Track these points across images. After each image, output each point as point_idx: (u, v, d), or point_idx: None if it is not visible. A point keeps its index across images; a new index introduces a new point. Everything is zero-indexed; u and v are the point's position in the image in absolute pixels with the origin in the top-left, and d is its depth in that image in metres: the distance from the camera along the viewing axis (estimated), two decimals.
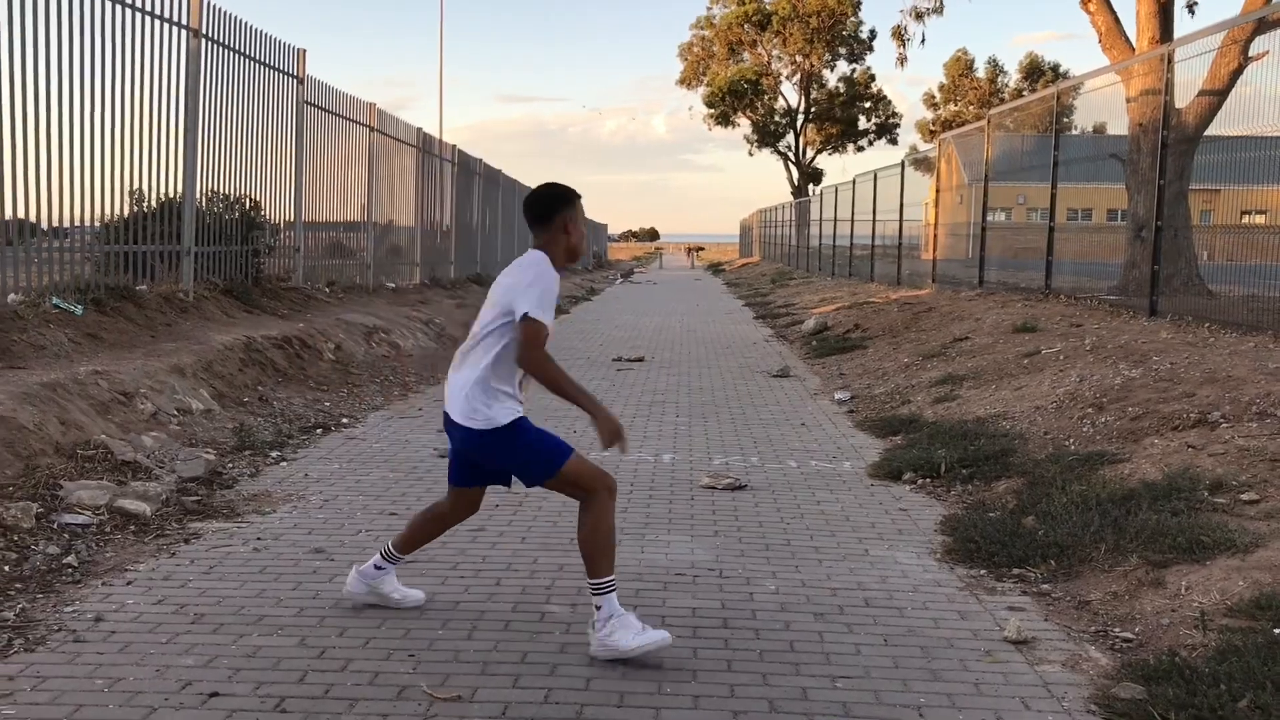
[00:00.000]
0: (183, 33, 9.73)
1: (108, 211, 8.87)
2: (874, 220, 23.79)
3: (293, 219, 12.81)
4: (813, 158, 57.87)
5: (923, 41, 70.47)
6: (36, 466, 5.25)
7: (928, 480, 6.18)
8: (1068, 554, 4.57)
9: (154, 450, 6.00)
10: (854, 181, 26.71)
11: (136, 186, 9.24)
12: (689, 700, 3.26)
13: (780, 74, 55.95)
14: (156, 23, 9.23)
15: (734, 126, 56.61)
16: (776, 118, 56.71)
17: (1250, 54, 10.49)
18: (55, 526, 4.74)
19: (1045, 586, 4.36)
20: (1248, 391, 6.13)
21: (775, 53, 55.30)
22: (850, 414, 8.75)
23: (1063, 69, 58.02)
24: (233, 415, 7.35)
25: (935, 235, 19.71)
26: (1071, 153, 13.64)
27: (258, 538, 4.87)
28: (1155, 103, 10.94)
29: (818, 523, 5.38)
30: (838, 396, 9.51)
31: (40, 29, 7.67)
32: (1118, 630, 3.86)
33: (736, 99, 54.69)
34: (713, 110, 55.58)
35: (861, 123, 57.30)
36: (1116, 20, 13.88)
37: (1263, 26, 9.93)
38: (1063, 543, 4.65)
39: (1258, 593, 3.82)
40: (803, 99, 56.31)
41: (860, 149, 58.07)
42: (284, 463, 6.46)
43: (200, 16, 9.92)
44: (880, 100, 57.51)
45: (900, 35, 23.30)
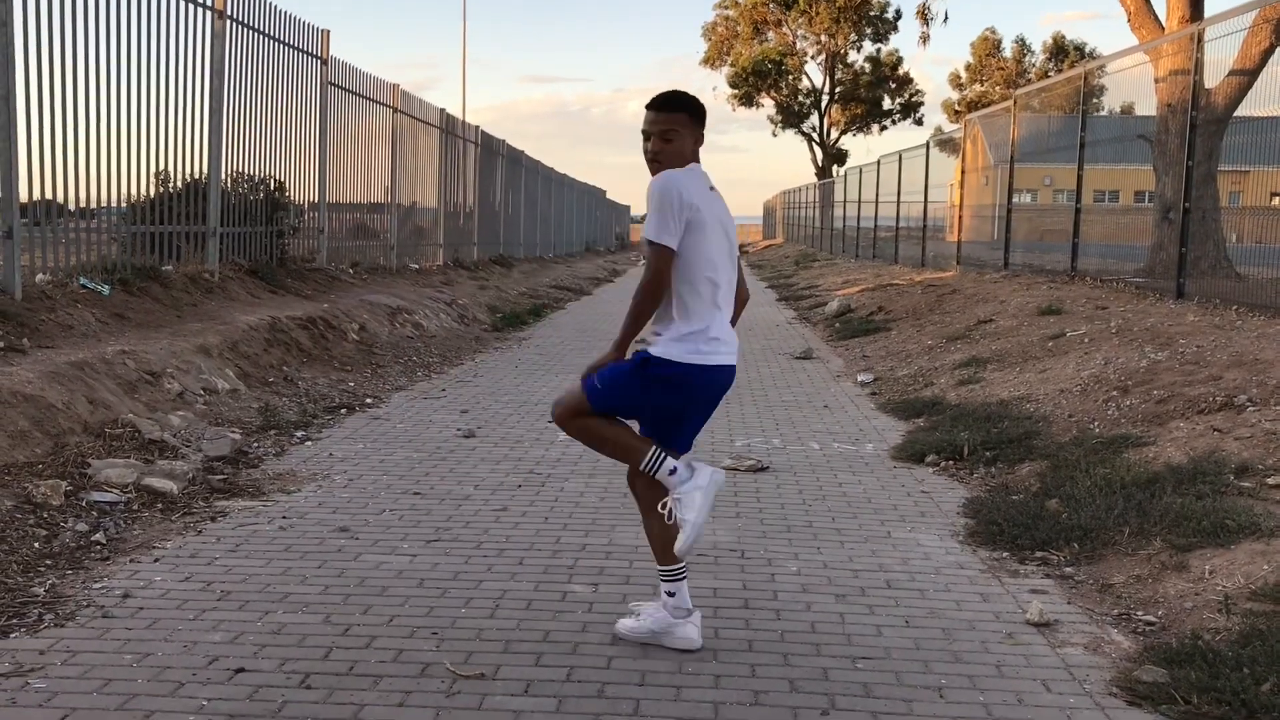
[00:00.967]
0: (208, 14, 9.76)
1: (134, 192, 8.93)
2: (898, 202, 23.65)
3: (317, 200, 12.86)
4: (837, 139, 57.61)
5: (945, 20, 69.49)
6: (65, 445, 5.31)
7: (950, 463, 6.16)
8: (1091, 537, 4.56)
9: (181, 429, 6.06)
10: (878, 163, 26.57)
11: (162, 168, 9.30)
12: (710, 679, 3.28)
13: (805, 54, 55.66)
14: (181, 4, 9.27)
15: (758, 107, 56.41)
16: (801, 98, 56.44)
17: None
18: (84, 504, 4.80)
19: (1068, 569, 4.35)
20: (1275, 374, 6.08)
21: (800, 32, 55.00)
22: (873, 396, 8.73)
23: (1089, 48, 57.43)
24: (258, 395, 7.40)
25: (960, 217, 19.59)
26: (1099, 133, 13.51)
27: (283, 516, 4.92)
28: (1184, 83, 10.82)
29: (840, 504, 5.38)
30: (860, 379, 9.49)
31: (65, 11, 7.71)
32: (1140, 613, 3.85)
33: (761, 79, 54.44)
34: (737, 91, 55.36)
35: (886, 103, 56.97)
36: None
37: None
38: (1086, 526, 4.64)
39: None
40: (827, 79, 56.03)
41: (885, 129, 57.81)
42: (309, 442, 6.51)
43: None
44: (906, 81, 57.13)
45: (924, 14, 23.12)
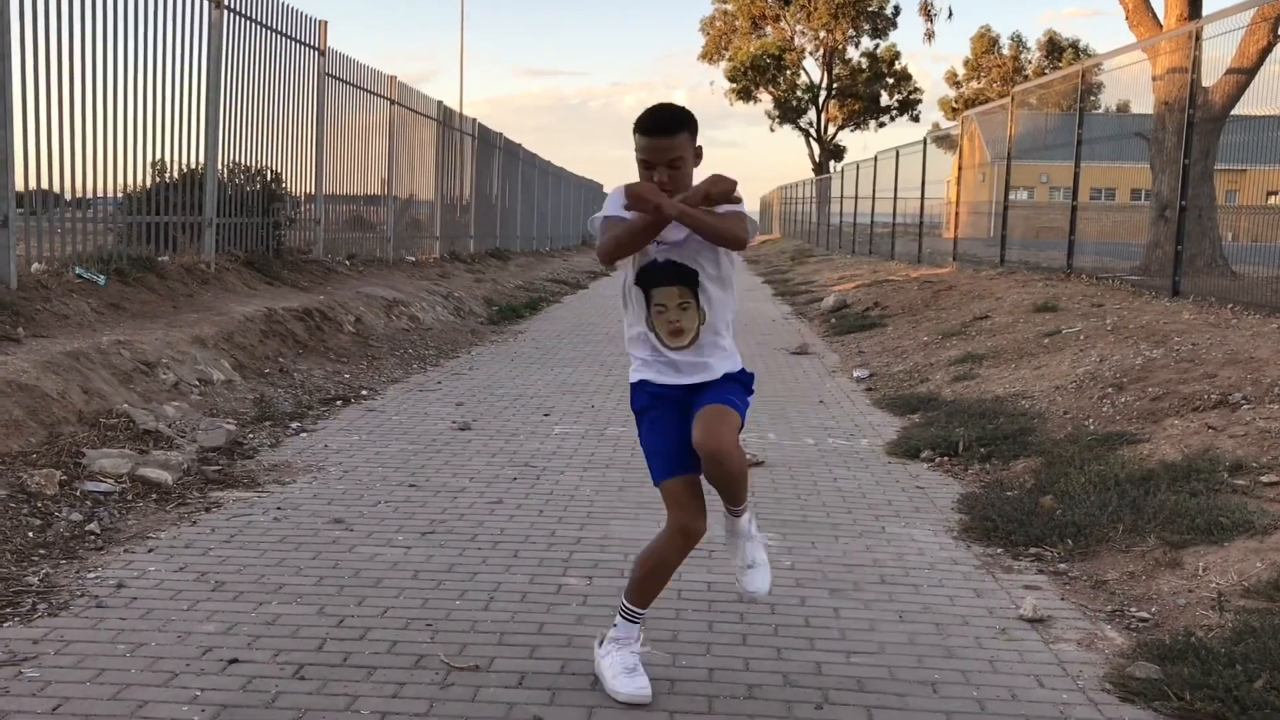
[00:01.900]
0: (204, 4, 9.74)
1: (130, 183, 8.91)
2: (895, 198, 23.67)
3: (313, 191, 12.84)
4: (834, 134, 57.63)
5: (950, 15, 69.48)
6: (60, 434, 5.31)
7: (945, 458, 6.17)
8: (1085, 534, 4.56)
9: (175, 420, 6.05)
10: (875, 159, 26.58)
11: (159, 158, 9.28)
12: (703, 673, 3.28)
13: (803, 49, 55.62)
14: None
15: (755, 102, 56.40)
16: (799, 94, 56.43)
17: None
18: (78, 494, 4.79)
19: (1062, 566, 4.35)
20: (1270, 373, 6.09)
21: (798, 27, 54.96)
22: (868, 392, 8.73)
23: (1083, 45, 57.44)
24: (253, 386, 7.40)
25: (956, 213, 19.61)
26: (1096, 131, 13.53)
27: (278, 507, 4.92)
28: (1182, 81, 10.83)
29: (834, 499, 5.38)
30: (856, 374, 9.49)
31: (62, 1, 7.69)
32: (1134, 610, 3.86)
33: (758, 74, 54.42)
34: (734, 85, 55.35)
35: (884, 99, 56.98)
36: None
37: None
38: (1080, 522, 4.64)
39: (1276, 574, 3.81)
40: (825, 75, 56.00)
41: (882, 125, 57.84)
42: (304, 434, 6.50)
43: None
44: (903, 77, 57.13)
45: (927, 10, 23.14)
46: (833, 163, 53.46)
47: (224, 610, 3.65)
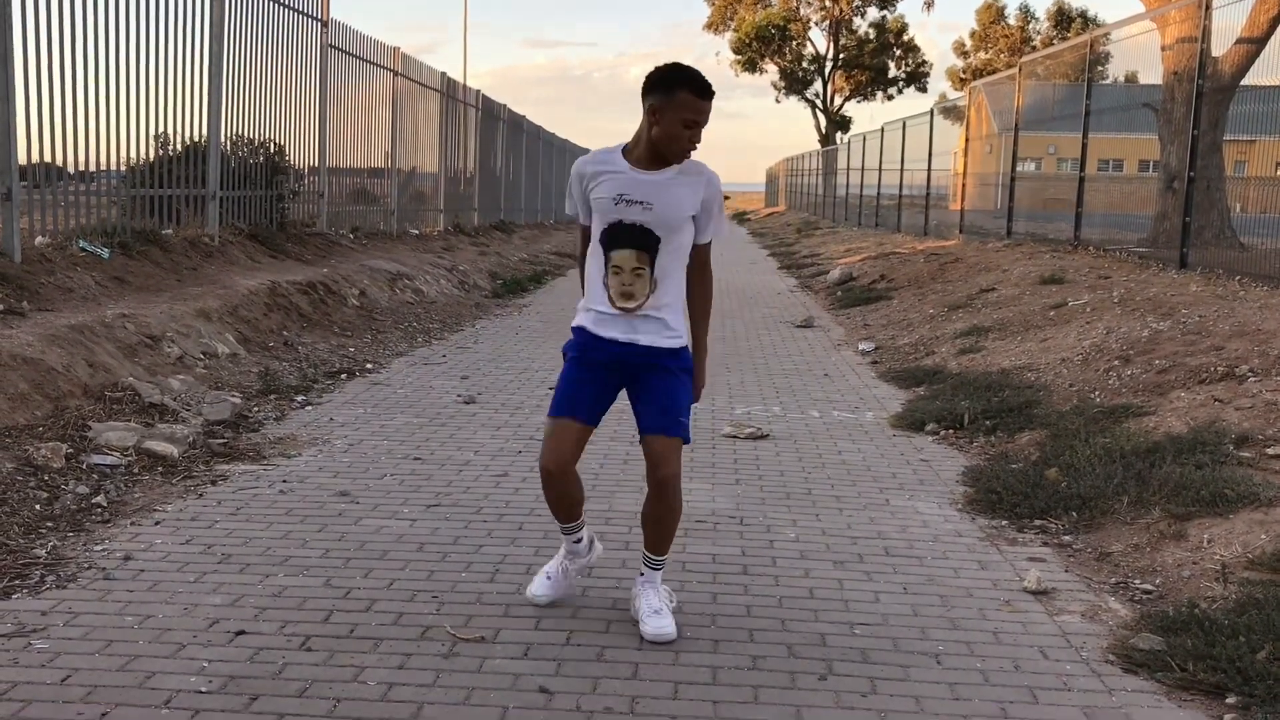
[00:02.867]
0: None
1: (133, 155, 8.89)
2: (902, 170, 23.56)
3: (317, 164, 12.80)
4: (841, 105, 57.27)
5: None
6: (65, 408, 5.32)
7: (950, 431, 6.17)
8: (1090, 506, 4.56)
9: (181, 393, 6.06)
10: (882, 130, 26.42)
11: (162, 130, 9.25)
12: (709, 644, 3.29)
13: (809, 19, 55.21)
14: None
15: (761, 73, 56.02)
16: (805, 64, 56.05)
17: None
18: (84, 467, 4.81)
19: (1066, 538, 4.36)
20: (1277, 345, 6.07)
21: None
22: (874, 365, 8.73)
23: (1092, 14, 56.94)
24: (258, 359, 7.40)
25: (963, 185, 19.52)
26: (1104, 102, 13.43)
27: (283, 480, 4.93)
28: (1191, 50, 10.73)
29: (839, 472, 5.39)
30: (861, 347, 9.48)
31: None
32: (1138, 582, 3.86)
33: (764, 45, 54.05)
34: (740, 56, 54.97)
35: (891, 70, 56.56)
36: None
37: None
38: (1085, 495, 4.64)
39: None
40: (832, 45, 55.61)
41: (889, 97, 57.41)
42: (309, 407, 6.51)
43: None
44: (910, 48, 56.72)
45: None
46: (839, 134, 53.18)
47: (231, 582, 3.67)
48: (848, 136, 38.09)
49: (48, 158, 7.78)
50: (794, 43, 54.90)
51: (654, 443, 3.28)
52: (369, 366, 7.95)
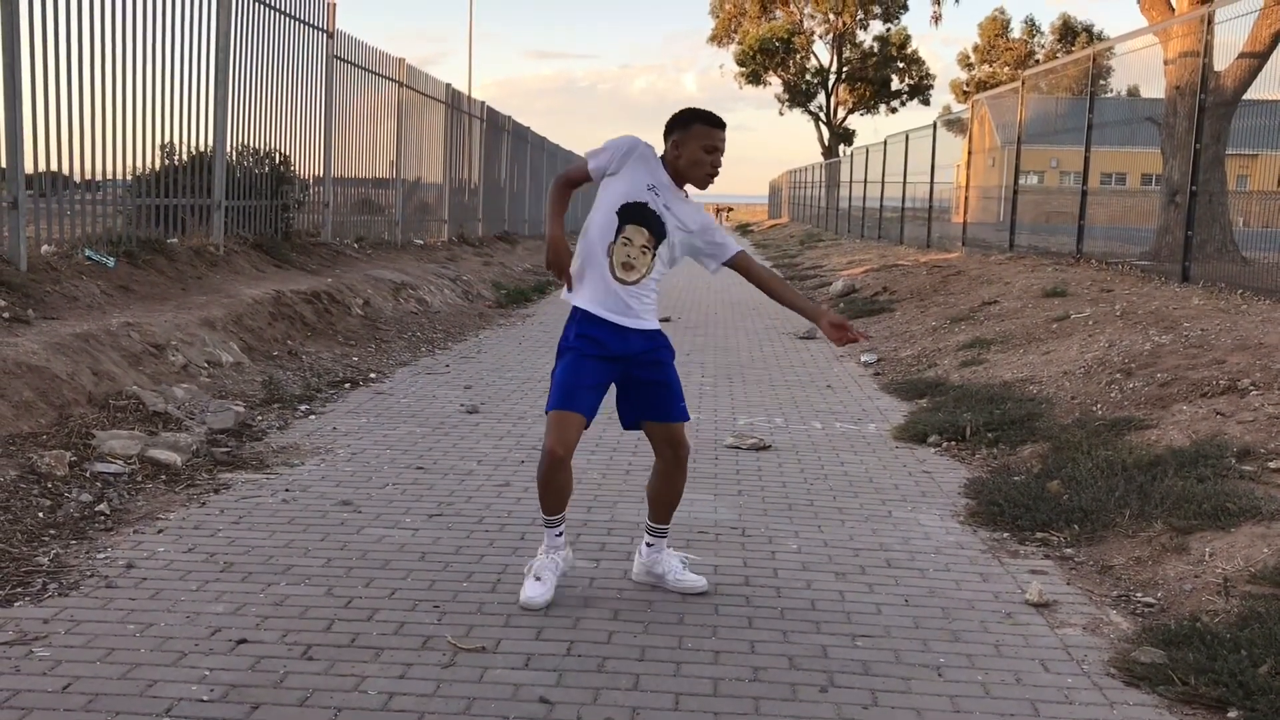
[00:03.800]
0: None
1: (139, 165, 8.91)
2: (904, 182, 23.59)
3: (322, 174, 12.83)
4: (844, 118, 57.32)
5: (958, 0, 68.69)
6: (70, 416, 5.33)
7: (952, 443, 6.17)
8: (1092, 519, 4.56)
9: (184, 401, 6.07)
10: (885, 143, 26.46)
11: (168, 140, 9.28)
12: (709, 656, 3.29)
13: (813, 32, 55.31)
14: None
15: (765, 85, 56.08)
16: (808, 77, 56.13)
17: None
18: (88, 475, 4.81)
19: (1068, 551, 4.36)
20: (1279, 359, 6.07)
21: (808, 10, 54.64)
22: (876, 376, 8.73)
23: (1097, 29, 57.03)
24: (262, 368, 7.42)
25: (966, 198, 19.54)
26: (1106, 116, 13.45)
27: (286, 489, 4.94)
28: (1193, 65, 10.76)
29: (841, 484, 5.39)
30: (864, 359, 9.49)
31: None
32: (1140, 595, 3.86)
33: (768, 57, 54.13)
34: (744, 69, 55.06)
35: (894, 83, 56.60)
36: None
37: None
38: (1087, 508, 4.64)
39: None
40: (835, 58, 55.69)
41: (893, 110, 57.45)
42: (312, 416, 6.52)
43: None
44: (914, 61, 56.79)
45: None
46: (842, 146, 53.21)
47: (233, 591, 3.68)
48: (851, 149, 38.14)
49: (54, 166, 7.80)
50: (798, 55, 54.98)
51: (673, 429, 3.73)
52: (372, 376, 7.97)
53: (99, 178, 8.48)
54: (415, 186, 16.75)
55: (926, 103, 57.46)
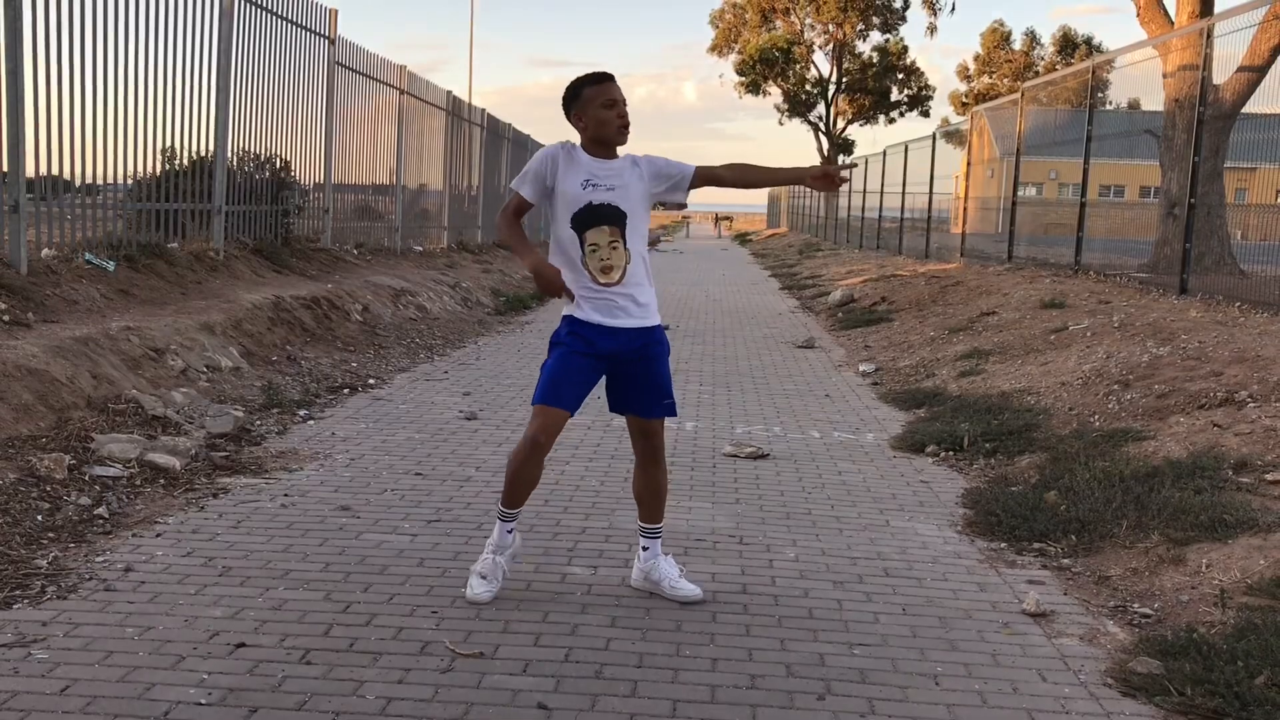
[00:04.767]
0: None
1: (140, 169, 8.93)
2: (903, 193, 23.63)
3: (322, 180, 12.85)
4: (844, 128, 57.38)
5: (952, 10, 69.25)
6: (69, 419, 5.34)
7: (950, 453, 6.18)
8: (1089, 530, 4.57)
9: (184, 406, 6.07)
10: (884, 153, 26.52)
11: (168, 145, 9.30)
12: (707, 663, 3.30)
13: (813, 43, 55.40)
14: None
15: (765, 95, 56.14)
16: (808, 87, 56.21)
17: None
18: (87, 478, 4.82)
19: (1065, 561, 4.36)
20: (1277, 371, 6.09)
21: (808, 21, 54.75)
22: (874, 386, 8.74)
23: (1097, 42, 57.17)
24: (261, 373, 7.42)
25: (965, 209, 19.57)
26: (1105, 128, 13.48)
27: (285, 494, 4.94)
28: (1192, 78, 10.80)
29: (839, 493, 5.40)
30: (862, 369, 9.50)
31: None
32: (1137, 606, 3.87)
33: (768, 67, 54.21)
34: (744, 79, 55.13)
35: (894, 94, 56.64)
36: None
37: None
38: (1084, 518, 4.65)
39: (1278, 572, 3.82)
40: (835, 69, 55.79)
41: (892, 120, 57.50)
42: (311, 421, 6.53)
43: None
44: (913, 72, 56.90)
45: (931, 3, 23.08)
46: (841, 156, 53.26)
47: (231, 595, 3.68)
48: (850, 159, 38.20)
49: (55, 170, 7.82)
50: (797, 66, 55.06)
51: (654, 424, 3.79)
52: (371, 382, 7.97)
53: (99, 182, 8.50)
54: (415, 193, 16.77)
55: (926, 114, 57.53)
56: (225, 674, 3.07)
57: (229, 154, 10.25)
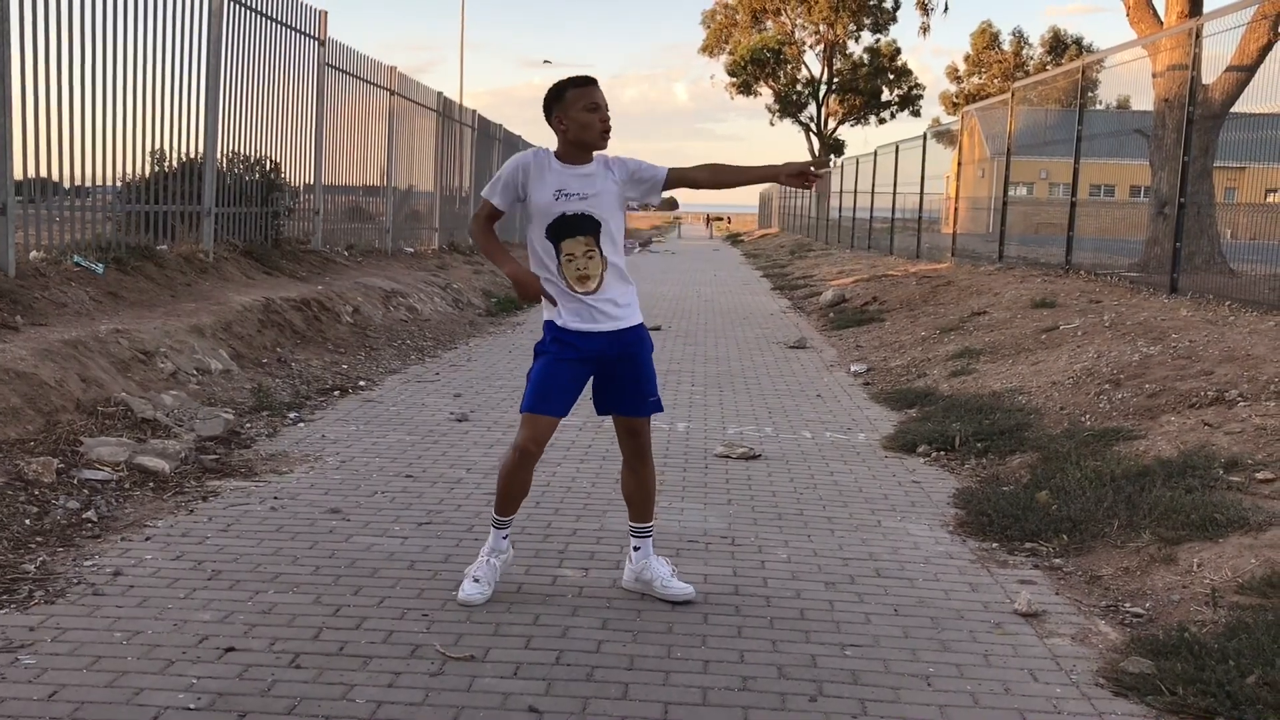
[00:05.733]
0: None
1: (129, 171, 8.90)
2: (894, 193, 23.67)
3: (312, 182, 12.82)
4: (835, 129, 57.48)
5: (945, 10, 69.34)
6: (57, 422, 5.31)
7: (942, 453, 6.18)
8: (1080, 529, 4.58)
9: (173, 409, 6.05)
10: (875, 153, 26.55)
11: (158, 146, 9.26)
12: (699, 665, 3.29)
13: (804, 43, 55.47)
14: None
15: (756, 96, 56.20)
16: (799, 88, 56.28)
17: None
18: (75, 482, 4.79)
19: (1057, 561, 4.36)
20: (1266, 370, 6.10)
21: (799, 21, 54.81)
22: (866, 386, 8.74)
23: (1086, 42, 57.34)
24: (251, 376, 7.40)
25: (955, 209, 19.60)
26: (1095, 128, 13.51)
27: (275, 497, 4.92)
28: (1182, 78, 10.82)
29: (830, 493, 5.39)
30: (854, 369, 9.50)
31: None
32: (1128, 605, 3.87)
33: (759, 68, 54.27)
34: (735, 79, 55.18)
35: (885, 94, 56.75)
36: None
37: None
38: (1076, 518, 4.65)
39: (1269, 570, 3.82)
40: (826, 69, 55.86)
41: (883, 121, 57.60)
42: (301, 424, 6.50)
43: None
44: (904, 72, 56.99)
45: (924, 4, 23.13)
46: (833, 157, 53.33)
47: (220, 599, 3.66)
48: (841, 159, 38.21)
49: (43, 172, 7.79)
50: (788, 66, 55.13)
51: (635, 422, 3.81)
52: (362, 384, 7.95)
53: (88, 183, 8.46)
54: (406, 194, 16.75)
55: (916, 114, 57.64)
56: (214, 678, 3.05)
57: (218, 155, 10.22)
